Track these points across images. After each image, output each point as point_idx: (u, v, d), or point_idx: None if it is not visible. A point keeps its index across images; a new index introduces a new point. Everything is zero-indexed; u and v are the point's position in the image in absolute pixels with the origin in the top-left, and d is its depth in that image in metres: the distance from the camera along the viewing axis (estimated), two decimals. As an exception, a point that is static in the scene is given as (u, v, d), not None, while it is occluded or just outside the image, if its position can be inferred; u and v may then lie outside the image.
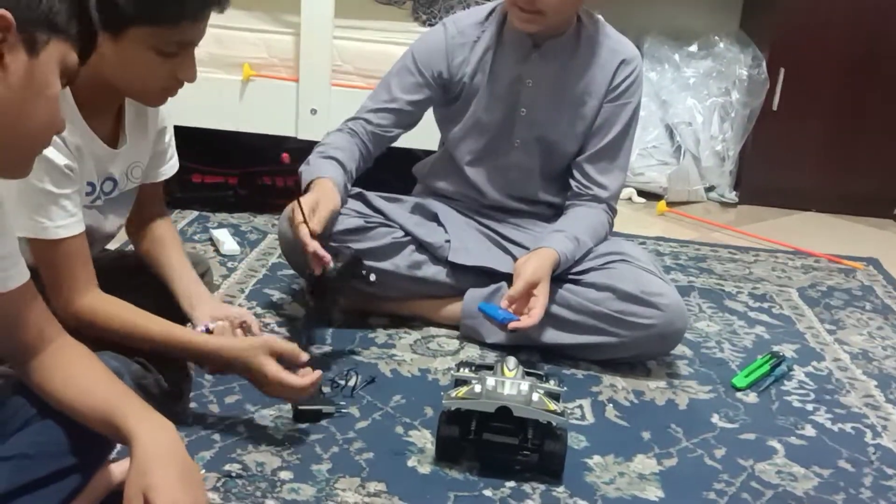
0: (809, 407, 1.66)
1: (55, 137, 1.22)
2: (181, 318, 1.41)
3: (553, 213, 1.85)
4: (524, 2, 1.62)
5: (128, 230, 1.55)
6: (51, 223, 1.25)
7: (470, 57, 1.75)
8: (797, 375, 1.78)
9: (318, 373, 1.38)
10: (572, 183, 1.80)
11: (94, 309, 1.30)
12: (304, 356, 1.38)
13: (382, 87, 1.79)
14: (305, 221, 1.49)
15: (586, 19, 1.76)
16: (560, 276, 1.71)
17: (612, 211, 1.82)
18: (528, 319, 1.59)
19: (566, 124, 1.77)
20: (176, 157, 1.54)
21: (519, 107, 1.76)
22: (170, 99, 1.39)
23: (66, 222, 1.27)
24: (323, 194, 1.57)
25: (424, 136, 1.95)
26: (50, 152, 1.22)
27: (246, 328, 1.43)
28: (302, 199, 1.51)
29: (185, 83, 1.31)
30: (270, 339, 1.40)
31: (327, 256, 1.50)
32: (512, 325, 1.60)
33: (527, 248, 1.78)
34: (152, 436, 0.99)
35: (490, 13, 1.76)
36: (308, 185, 1.63)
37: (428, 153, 2.02)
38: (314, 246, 1.49)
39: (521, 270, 1.62)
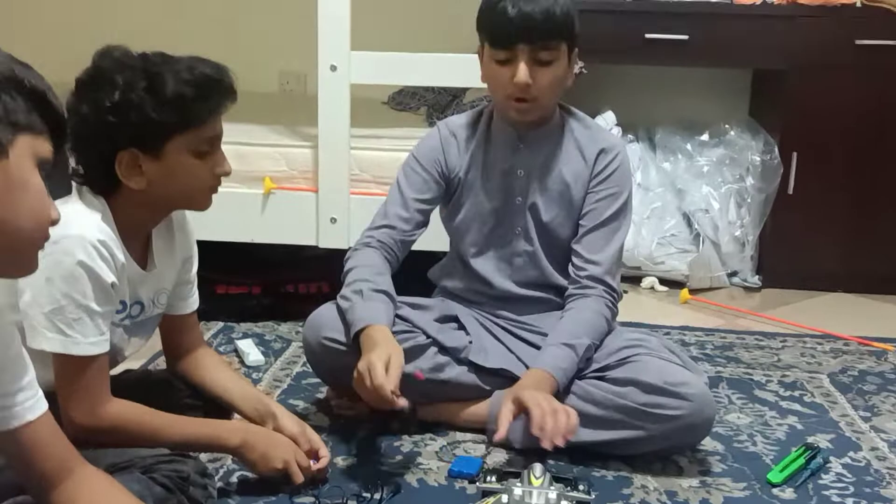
0: (849, 501, 1.61)
1: (106, 254, 1.29)
2: None
3: (561, 300, 1.85)
4: (521, 92, 1.68)
5: (169, 363, 1.61)
6: (84, 339, 1.30)
7: (463, 154, 1.83)
8: (834, 467, 1.73)
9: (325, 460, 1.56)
10: (570, 270, 1.81)
11: (122, 413, 1.36)
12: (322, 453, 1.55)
13: (395, 194, 1.84)
14: (393, 392, 1.50)
15: (567, 113, 1.84)
16: (580, 375, 1.70)
17: (612, 292, 1.79)
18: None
19: (558, 209, 1.81)
20: (197, 295, 1.61)
21: (514, 196, 1.81)
22: (193, 224, 1.52)
23: (97, 339, 1.32)
24: (391, 349, 1.55)
25: (434, 237, 1.97)
26: (100, 269, 1.30)
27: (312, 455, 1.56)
28: (374, 356, 1.51)
29: (222, 181, 1.43)
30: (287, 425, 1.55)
31: (405, 402, 1.53)
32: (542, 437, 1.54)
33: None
34: None
35: (479, 114, 1.86)
36: (362, 330, 1.61)
37: (438, 253, 2.04)
38: (402, 403, 1.51)
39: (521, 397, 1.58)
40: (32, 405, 1.04)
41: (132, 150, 1.32)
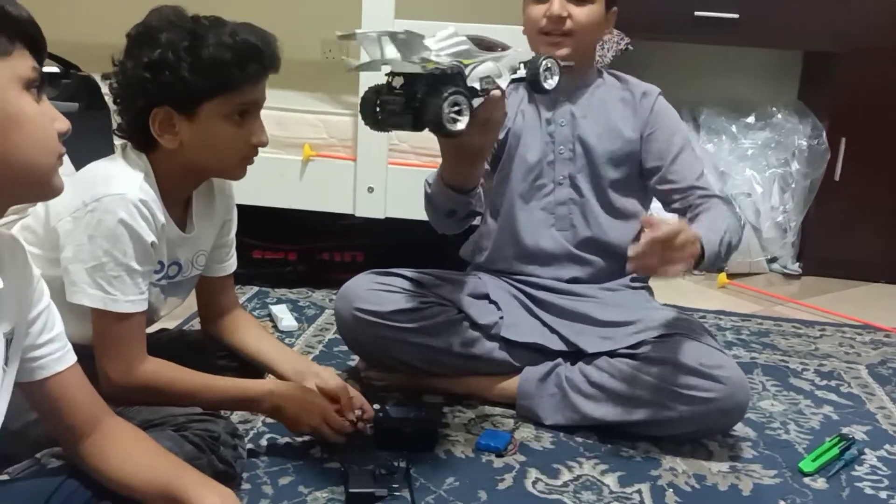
0: (883, 494, 1.58)
1: (147, 213, 1.30)
2: None
3: (607, 265, 1.83)
4: (554, 25, 1.71)
5: (204, 325, 1.63)
6: (122, 297, 1.32)
7: (509, 105, 1.80)
8: (869, 460, 1.70)
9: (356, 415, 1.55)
10: (676, 206, 1.77)
11: (156, 372, 1.38)
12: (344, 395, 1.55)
13: None
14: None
15: (606, 71, 1.87)
16: (613, 352, 1.69)
17: (725, 199, 1.78)
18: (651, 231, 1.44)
19: (603, 153, 1.81)
20: (235, 257, 1.61)
21: (556, 146, 1.81)
22: (233, 188, 1.52)
23: (136, 298, 1.33)
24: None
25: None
26: (141, 228, 1.31)
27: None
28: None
29: (259, 149, 1.41)
30: (322, 381, 1.56)
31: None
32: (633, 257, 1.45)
33: (580, 319, 1.77)
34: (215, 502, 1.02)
35: None
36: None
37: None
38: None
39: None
40: (61, 356, 1.06)
41: (167, 108, 1.32)
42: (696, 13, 2.77)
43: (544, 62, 1.48)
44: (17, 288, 0.99)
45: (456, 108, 1.31)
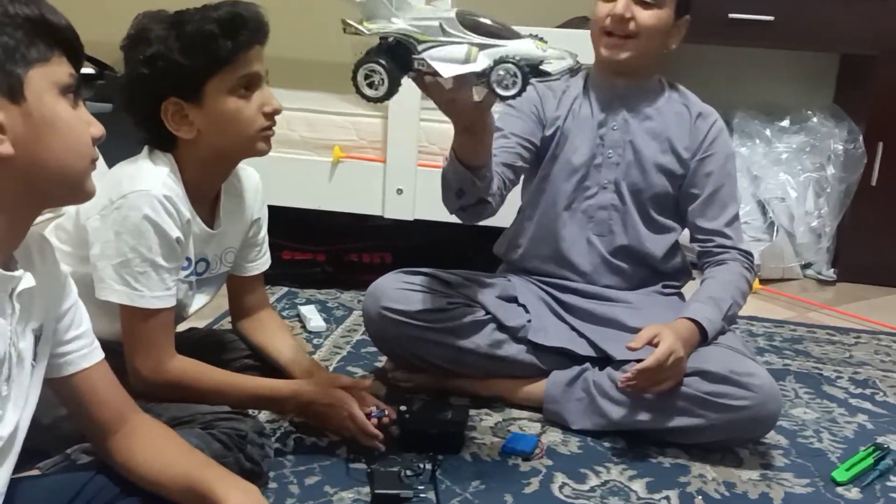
0: (918, 506, 1.55)
1: (171, 209, 1.31)
2: None
3: (638, 273, 1.83)
4: (615, 25, 1.69)
5: (233, 322, 1.64)
6: (149, 293, 1.33)
7: (559, 104, 1.82)
8: (904, 470, 1.67)
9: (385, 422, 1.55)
10: (696, 247, 1.83)
11: (184, 370, 1.39)
12: (366, 383, 1.59)
13: (497, 136, 1.76)
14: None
15: (667, 82, 1.85)
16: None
17: (745, 254, 1.80)
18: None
19: (651, 164, 1.80)
20: (268, 255, 1.62)
21: (605, 149, 1.80)
22: (263, 188, 1.53)
23: (162, 294, 1.34)
24: None
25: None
26: (165, 224, 1.32)
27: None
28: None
29: (276, 116, 1.40)
30: (335, 376, 1.60)
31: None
32: (623, 378, 1.60)
33: (609, 325, 1.76)
34: (240, 500, 1.03)
35: (576, 72, 1.84)
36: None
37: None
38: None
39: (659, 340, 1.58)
40: (88, 353, 1.07)
41: (174, 99, 1.33)
42: (731, 15, 2.74)
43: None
44: (46, 285, 1.01)
45: (369, 80, 1.34)
